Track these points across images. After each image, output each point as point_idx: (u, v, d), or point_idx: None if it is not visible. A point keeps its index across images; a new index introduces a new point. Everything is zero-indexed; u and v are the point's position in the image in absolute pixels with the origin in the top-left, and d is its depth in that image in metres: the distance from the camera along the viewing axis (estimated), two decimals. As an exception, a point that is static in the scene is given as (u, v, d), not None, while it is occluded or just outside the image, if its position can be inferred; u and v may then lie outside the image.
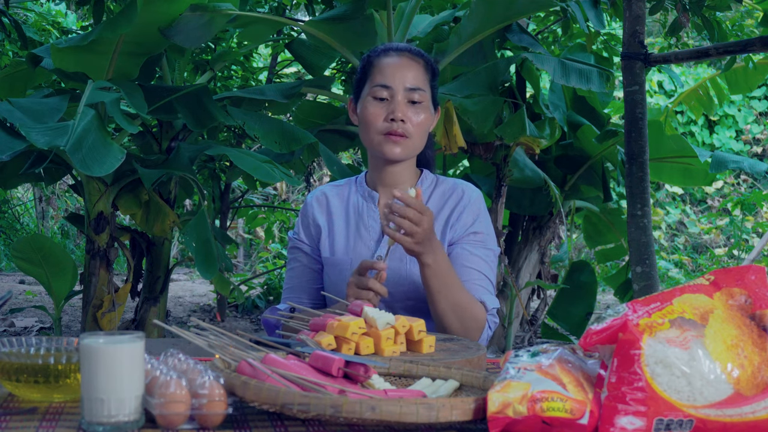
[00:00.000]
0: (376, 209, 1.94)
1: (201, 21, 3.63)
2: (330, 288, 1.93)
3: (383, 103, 1.86)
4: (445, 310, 1.75)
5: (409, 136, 1.86)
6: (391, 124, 1.84)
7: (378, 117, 1.86)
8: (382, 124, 1.85)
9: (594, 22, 4.17)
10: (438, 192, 1.95)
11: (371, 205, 1.95)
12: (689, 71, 10.52)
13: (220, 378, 1.11)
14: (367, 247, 1.92)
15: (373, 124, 1.86)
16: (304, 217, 2.00)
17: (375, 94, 1.87)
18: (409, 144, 1.87)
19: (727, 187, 10.75)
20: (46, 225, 9.79)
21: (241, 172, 4.98)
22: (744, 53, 4.33)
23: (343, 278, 1.89)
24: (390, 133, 1.85)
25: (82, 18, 8.00)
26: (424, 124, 1.88)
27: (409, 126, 1.85)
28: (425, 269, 1.72)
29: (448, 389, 1.26)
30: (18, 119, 3.28)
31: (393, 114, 1.84)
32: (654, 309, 1.10)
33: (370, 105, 1.87)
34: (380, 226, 1.93)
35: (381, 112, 1.86)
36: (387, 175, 1.93)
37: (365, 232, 1.93)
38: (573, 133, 4.86)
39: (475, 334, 1.80)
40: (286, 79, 6.90)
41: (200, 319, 5.18)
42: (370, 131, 1.88)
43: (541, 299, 5.17)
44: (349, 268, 1.89)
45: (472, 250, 1.88)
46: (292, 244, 2.01)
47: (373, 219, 1.93)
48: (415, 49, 1.93)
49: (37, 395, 1.21)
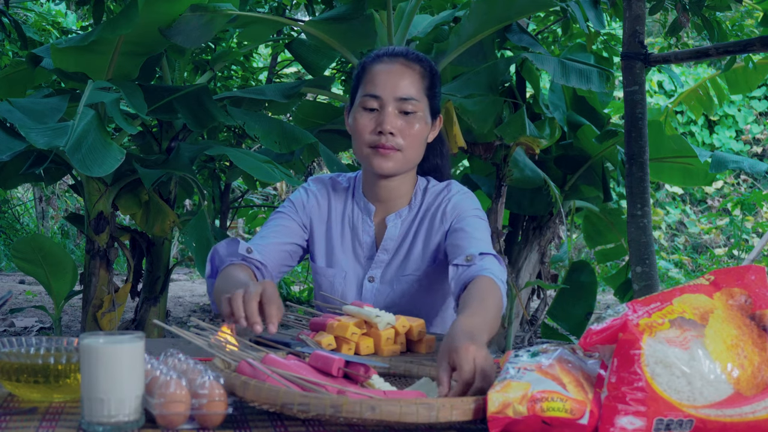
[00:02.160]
0: (372, 224, 1.87)
1: (201, 21, 3.63)
2: (320, 295, 1.89)
3: (372, 114, 1.75)
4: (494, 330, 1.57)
5: (400, 149, 1.75)
6: (379, 137, 1.74)
7: (366, 129, 1.75)
8: (370, 137, 1.75)
9: (594, 22, 4.17)
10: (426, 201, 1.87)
11: (367, 219, 1.87)
12: (689, 71, 10.52)
13: (220, 378, 1.11)
14: (360, 263, 1.87)
15: (361, 136, 1.76)
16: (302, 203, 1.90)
17: (364, 104, 1.76)
18: (400, 157, 1.76)
19: (727, 187, 10.74)
20: (46, 225, 9.79)
21: (241, 172, 4.98)
22: (744, 53, 4.33)
23: (333, 289, 1.86)
24: (378, 146, 1.74)
25: (82, 18, 8.00)
26: (418, 135, 1.77)
27: (400, 139, 1.74)
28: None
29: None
30: (18, 119, 3.28)
31: (381, 126, 1.73)
32: (654, 309, 1.10)
33: (360, 116, 1.77)
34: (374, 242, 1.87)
35: (370, 124, 1.75)
36: (381, 190, 1.83)
37: (359, 247, 1.87)
38: (573, 133, 4.87)
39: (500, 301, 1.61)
40: (286, 79, 6.90)
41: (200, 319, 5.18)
42: (359, 144, 1.78)
43: (541, 299, 5.17)
44: (341, 282, 1.86)
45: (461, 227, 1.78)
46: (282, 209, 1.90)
47: (367, 234, 1.86)
48: (412, 53, 1.81)
49: (37, 395, 1.21)
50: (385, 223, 1.85)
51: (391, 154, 1.75)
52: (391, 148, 1.75)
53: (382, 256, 1.85)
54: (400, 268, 1.84)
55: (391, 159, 1.75)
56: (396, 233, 1.85)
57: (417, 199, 1.87)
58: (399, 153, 1.76)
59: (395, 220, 1.85)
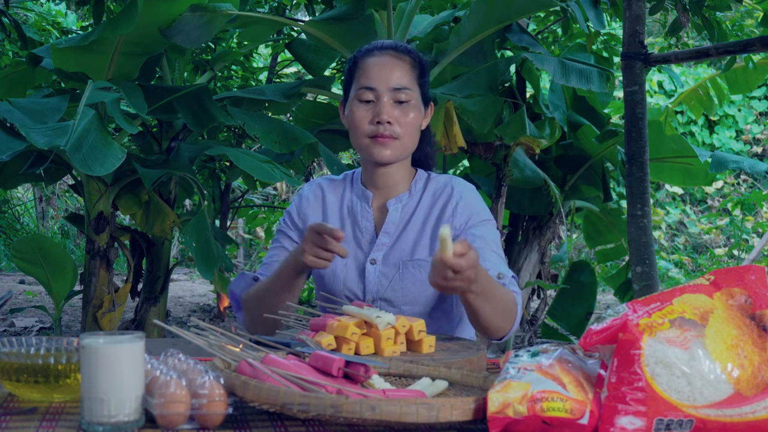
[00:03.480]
0: (370, 209, 1.92)
1: (201, 21, 3.63)
2: (322, 287, 1.92)
3: (369, 106, 1.83)
4: (491, 317, 1.66)
5: (397, 137, 1.83)
6: (377, 127, 1.82)
7: (364, 120, 1.83)
8: (369, 127, 1.83)
9: (594, 22, 4.17)
10: (429, 191, 1.92)
11: (365, 206, 1.93)
12: (689, 71, 10.52)
13: (220, 378, 1.11)
14: (362, 249, 1.90)
15: (359, 127, 1.84)
16: (298, 208, 1.97)
17: (360, 96, 1.84)
18: (398, 145, 1.84)
19: (727, 187, 10.75)
20: (46, 225, 9.79)
21: (241, 172, 4.99)
22: (744, 53, 4.33)
23: (335, 278, 1.89)
24: (377, 135, 1.82)
25: (82, 18, 8.01)
26: (414, 123, 1.85)
27: (397, 127, 1.82)
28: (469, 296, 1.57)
29: (438, 388, 1.26)
30: (18, 119, 3.28)
31: (379, 117, 1.81)
32: (654, 309, 1.10)
33: (356, 108, 1.84)
34: (374, 228, 1.91)
35: (367, 115, 1.83)
36: (379, 177, 1.91)
37: (359, 233, 1.91)
38: (573, 133, 4.87)
39: (514, 315, 1.73)
40: (286, 79, 6.90)
41: (200, 319, 5.18)
42: (358, 135, 1.85)
43: (541, 299, 5.17)
44: (343, 269, 1.88)
45: (476, 233, 1.84)
46: (280, 227, 1.99)
47: (366, 220, 1.92)
48: (400, 45, 1.89)
49: (37, 395, 1.21)
50: (386, 206, 1.91)
51: (389, 142, 1.83)
52: (389, 136, 1.82)
53: (384, 239, 1.89)
54: (403, 251, 1.88)
55: (389, 147, 1.83)
56: (397, 217, 1.90)
57: (418, 186, 1.93)
58: (397, 141, 1.84)
59: (396, 204, 1.91)
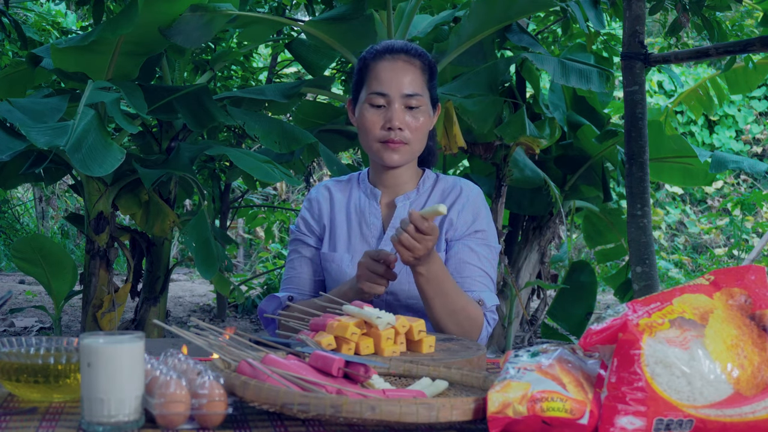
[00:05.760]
0: (378, 207, 1.95)
1: (201, 21, 3.63)
2: (329, 283, 1.94)
3: (380, 110, 1.86)
4: (441, 314, 1.76)
5: (407, 143, 1.86)
6: (388, 133, 1.84)
7: (375, 125, 1.86)
8: (380, 132, 1.85)
9: (594, 22, 4.17)
10: (438, 190, 1.96)
11: (373, 203, 1.95)
12: (689, 71, 10.52)
13: (220, 378, 1.11)
14: (369, 244, 1.92)
15: (370, 131, 1.87)
16: (311, 212, 1.99)
17: (372, 101, 1.86)
18: (407, 150, 1.87)
19: (727, 187, 10.75)
20: (46, 225, 9.79)
21: (241, 172, 4.99)
22: (744, 53, 4.33)
23: (342, 274, 1.90)
24: (388, 141, 1.85)
25: (82, 18, 8.01)
26: (423, 127, 1.88)
27: (408, 133, 1.85)
28: (418, 276, 1.73)
29: (438, 388, 1.26)
30: (18, 119, 3.28)
31: (390, 123, 1.84)
32: (654, 309, 1.10)
33: (367, 112, 1.87)
34: (382, 225, 1.94)
35: (378, 120, 1.86)
36: (388, 178, 1.94)
37: (366, 229, 1.94)
38: (573, 133, 4.87)
39: (474, 333, 1.80)
40: (286, 79, 6.90)
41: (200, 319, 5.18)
42: (368, 139, 1.88)
43: (541, 299, 5.17)
44: (350, 265, 1.90)
45: (473, 247, 1.88)
46: (295, 236, 2.01)
47: (375, 216, 1.94)
48: (412, 48, 1.91)
49: (37, 395, 1.21)
50: (394, 203, 1.95)
51: (399, 147, 1.86)
52: (399, 142, 1.86)
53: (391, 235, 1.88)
54: None
55: (399, 152, 1.87)
56: (405, 213, 1.93)
57: (426, 185, 1.97)
58: (407, 146, 1.87)
59: (404, 201, 1.94)
